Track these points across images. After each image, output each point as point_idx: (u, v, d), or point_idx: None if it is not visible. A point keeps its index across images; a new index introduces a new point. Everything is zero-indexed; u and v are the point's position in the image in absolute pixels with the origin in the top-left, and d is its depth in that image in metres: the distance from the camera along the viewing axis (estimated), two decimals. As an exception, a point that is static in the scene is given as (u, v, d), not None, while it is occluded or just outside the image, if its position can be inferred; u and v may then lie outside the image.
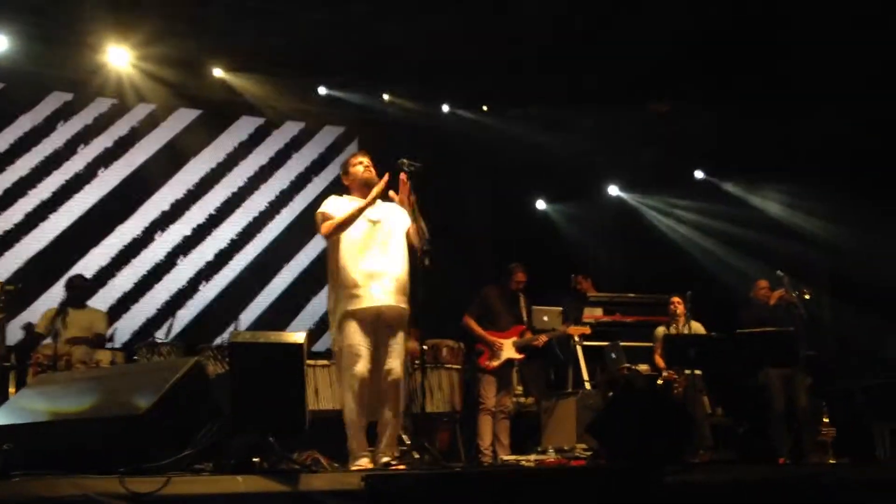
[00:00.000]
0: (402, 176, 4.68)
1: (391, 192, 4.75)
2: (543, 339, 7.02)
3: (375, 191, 4.62)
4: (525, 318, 7.07)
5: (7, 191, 8.32)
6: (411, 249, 4.69)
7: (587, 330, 7.38)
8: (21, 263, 8.19)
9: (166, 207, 8.93)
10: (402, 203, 4.69)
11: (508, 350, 6.84)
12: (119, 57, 8.26)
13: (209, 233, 9.08)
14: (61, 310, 6.66)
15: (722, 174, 10.14)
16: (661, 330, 7.56)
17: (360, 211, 4.60)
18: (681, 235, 10.30)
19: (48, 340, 6.71)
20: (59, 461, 3.57)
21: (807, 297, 6.91)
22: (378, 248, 4.64)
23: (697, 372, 6.88)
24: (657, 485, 3.82)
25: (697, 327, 7.25)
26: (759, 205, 9.69)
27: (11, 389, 6.18)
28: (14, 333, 6.95)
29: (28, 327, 6.77)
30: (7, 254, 8.17)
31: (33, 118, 8.54)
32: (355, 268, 4.58)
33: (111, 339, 6.93)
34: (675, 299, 7.44)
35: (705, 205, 10.09)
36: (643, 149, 9.83)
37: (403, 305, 4.66)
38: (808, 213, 9.30)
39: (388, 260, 4.64)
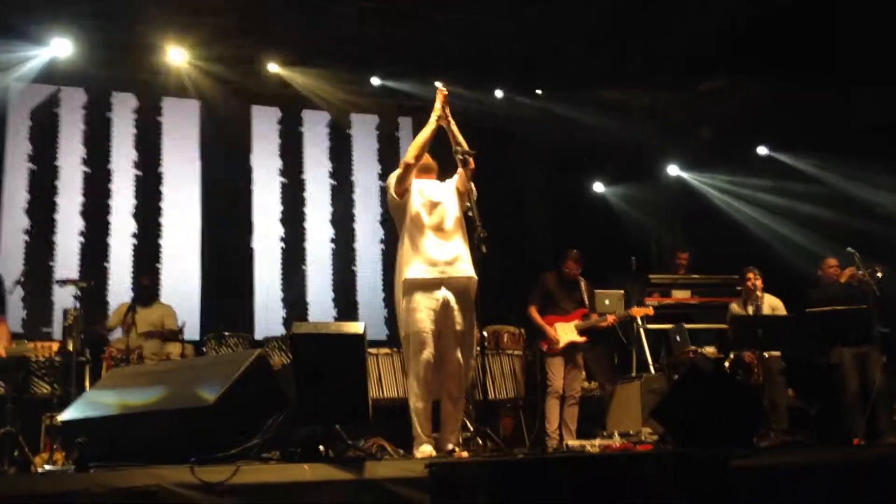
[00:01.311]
0: (439, 94, 4.79)
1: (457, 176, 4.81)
2: (611, 319, 6.92)
3: (437, 106, 4.75)
4: (586, 302, 6.98)
5: (81, 190, 8.59)
6: (470, 225, 4.69)
7: (650, 311, 7.26)
8: (95, 260, 8.47)
9: (229, 200, 9.09)
10: (442, 121, 4.76)
11: (570, 333, 6.78)
12: (178, 57, 8.43)
13: (270, 224, 9.22)
14: (132, 306, 6.87)
15: (786, 149, 9.85)
16: (735, 307, 7.35)
17: (432, 131, 4.72)
18: (744, 214, 10.05)
19: (118, 335, 6.93)
20: (132, 452, 3.69)
21: (879, 274, 6.66)
22: (440, 225, 4.69)
23: (777, 354, 6.72)
24: (725, 469, 3.75)
25: (776, 303, 7.01)
26: (830, 181, 9.35)
27: (86, 383, 6.40)
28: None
29: (101, 321, 6.99)
30: (82, 250, 8.45)
31: (97, 120, 8.78)
32: (421, 246, 4.63)
33: (182, 332, 7.10)
34: (751, 273, 7.04)
35: (769, 181, 9.82)
36: (702, 126, 9.62)
37: (469, 274, 4.67)
38: (876, 186, 8.97)
39: (450, 236, 4.69)
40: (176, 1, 7.66)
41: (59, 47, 7.97)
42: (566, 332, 6.78)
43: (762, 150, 10.10)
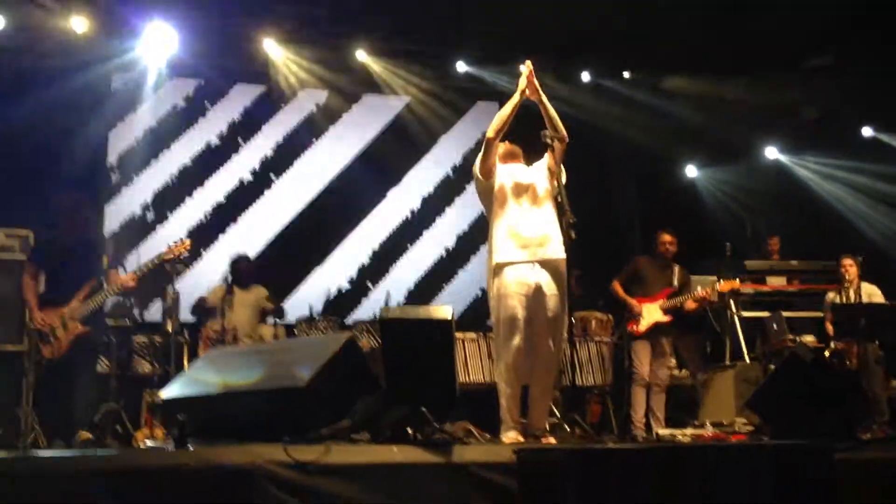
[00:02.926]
0: (525, 69, 4.67)
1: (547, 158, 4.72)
2: (701, 294, 6.66)
3: (521, 81, 4.65)
4: (675, 283, 6.77)
5: (175, 175, 8.89)
6: (560, 210, 4.61)
7: (737, 284, 6.92)
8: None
9: (321, 187, 9.26)
10: (532, 96, 4.67)
11: (654, 313, 6.60)
12: (270, 46, 8.65)
13: (359, 210, 9.34)
14: (229, 290, 7.04)
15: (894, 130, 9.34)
16: (831, 296, 7.05)
17: (514, 105, 4.63)
18: (846, 199, 9.59)
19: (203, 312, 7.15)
20: (228, 430, 3.80)
21: None
22: (529, 208, 4.63)
23: (874, 342, 6.43)
24: (828, 462, 3.58)
25: (872, 291, 6.71)
26: None
27: (185, 362, 6.63)
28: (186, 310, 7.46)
29: (200, 302, 7.20)
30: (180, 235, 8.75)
31: (193, 106, 9.06)
32: (511, 228, 4.59)
33: (281, 314, 7.25)
34: (847, 261, 6.87)
35: (874, 165, 9.33)
36: (807, 106, 9.20)
37: (560, 256, 4.57)
38: None
39: (540, 217, 4.62)
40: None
41: (167, 41, 8.22)
42: (651, 313, 6.62)
43: (867, 132, 9.61)
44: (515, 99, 4.68)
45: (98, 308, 5.37)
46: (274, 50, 8.71)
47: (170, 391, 4.47)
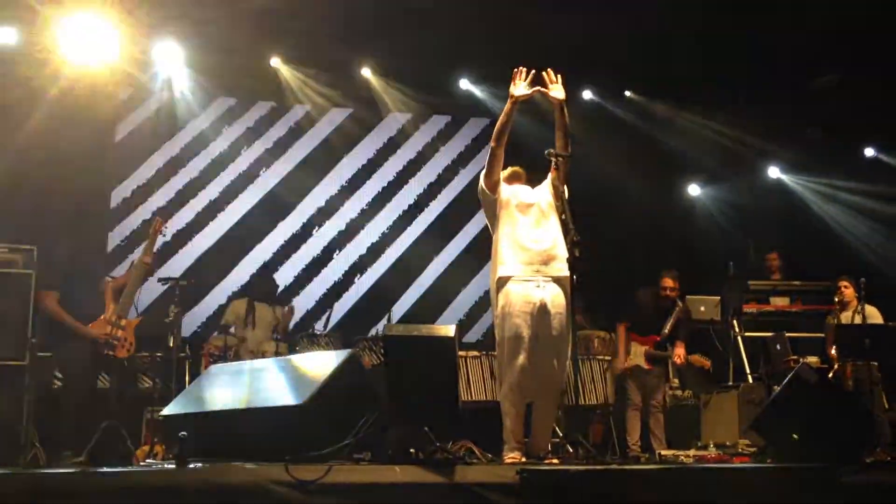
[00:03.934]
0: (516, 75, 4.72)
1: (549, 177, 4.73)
2: (678, 360, 6.71)
3: (511, 88, 4.69)
4: (666, 330, 6.75)
5: (179, 192, 8.91)
6: (563, 229, 4.60)
7: (707, 364, 6.98)
8: (192, 261, 8.76)
9: (321, 204, 9.29)
10: (554, 100, 4.75)
11: (639, 356, 6.67)
12: (276, 62, 8.69)
13: (362, 227, 9.35)
14: (251, 306, 6.96)
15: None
16: (830, 319, 7.07)
17: (506, 112, 4.68)
18: (848, 219, 9.59)
19: (224, 332, 7.08)
20: (229, 448, 3.79)
21: None
22: (534, 225, 4.63)
23: (872, 363, 6.40)
24: (833, 485, 3.56)
25: (873, 313, 6.71)
26: None
27: (186, 378, 6.60)
28: (188, 326, 7.43)
29: (223, 327, 7.13)
30: (180, 251, 8.75)
31: (201, 123, 9.09)
32: (514, 245, 4.59)
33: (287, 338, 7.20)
34: (843, 283, 6.94)
35: (876, 186, 9.33)
36: (811, 127, 9.22)
37: (564, 273, 4.53)
38: None
39: (546, 233, 4.62)
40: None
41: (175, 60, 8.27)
42: (636, 355, 6.66)
43: (869, 152, 9.63)
44: (507, 106, 4.71)
45: (133, 300, 5.44)
46: (281, 68, 8.78)
47: (171, 408, 4.46)
